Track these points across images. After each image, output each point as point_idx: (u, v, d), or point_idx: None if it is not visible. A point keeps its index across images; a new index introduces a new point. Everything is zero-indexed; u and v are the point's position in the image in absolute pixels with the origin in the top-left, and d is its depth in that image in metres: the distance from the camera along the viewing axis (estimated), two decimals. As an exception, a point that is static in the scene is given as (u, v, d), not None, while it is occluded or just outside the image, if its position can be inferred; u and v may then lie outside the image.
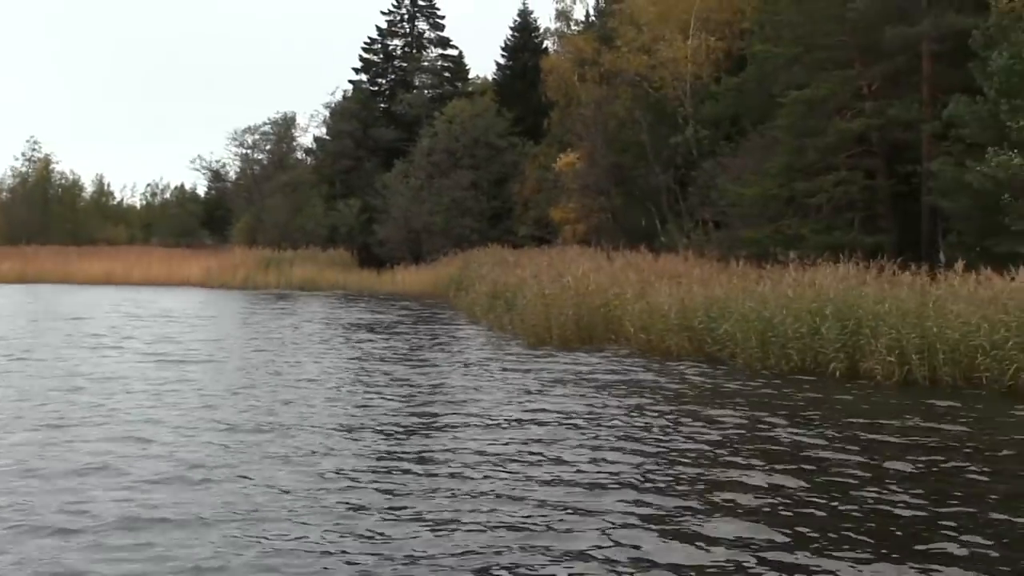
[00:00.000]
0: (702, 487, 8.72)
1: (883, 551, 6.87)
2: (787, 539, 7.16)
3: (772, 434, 10.97)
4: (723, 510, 7.96)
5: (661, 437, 10.91)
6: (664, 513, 7.90)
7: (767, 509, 7.95)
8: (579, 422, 11.75)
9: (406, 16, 67.60)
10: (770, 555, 6.83)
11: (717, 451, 10.18)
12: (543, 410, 12.60)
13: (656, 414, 12.30)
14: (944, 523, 7.50)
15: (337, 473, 9.25)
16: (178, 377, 15.85)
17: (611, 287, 21.14)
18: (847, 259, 19.10)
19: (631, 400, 13.46)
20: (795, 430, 11.13)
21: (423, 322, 28.72)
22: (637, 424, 11.70)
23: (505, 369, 16.91)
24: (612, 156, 42.30)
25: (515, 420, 11.97)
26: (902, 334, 14.50)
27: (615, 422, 11.83)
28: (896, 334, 14.54)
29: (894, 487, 8.54)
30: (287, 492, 8.53)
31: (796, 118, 28.63)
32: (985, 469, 9.29)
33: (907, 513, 7.78)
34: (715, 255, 28.88)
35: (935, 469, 9.31)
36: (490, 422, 11.92)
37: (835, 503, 8.08)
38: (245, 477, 9.09)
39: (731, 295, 17.83)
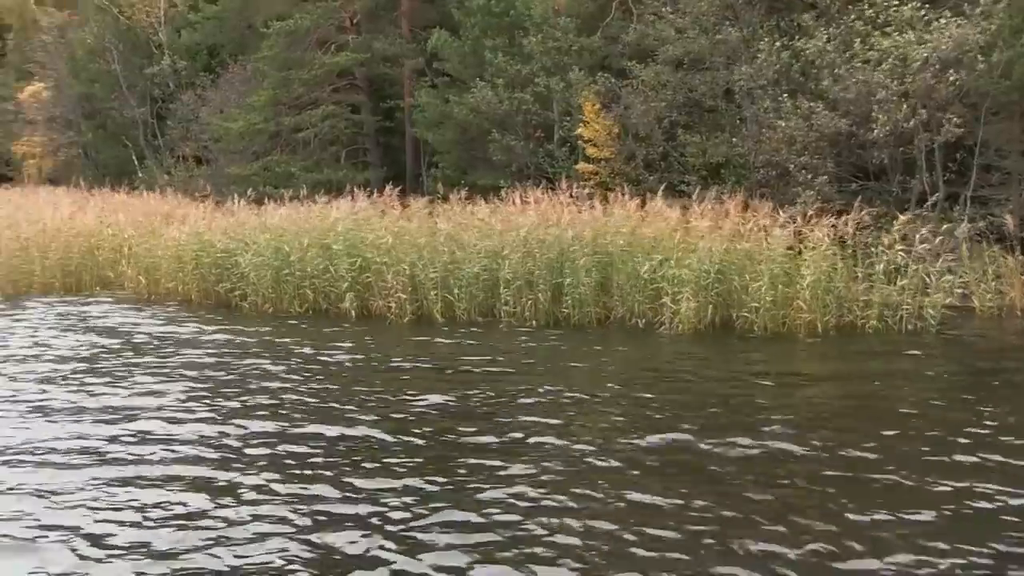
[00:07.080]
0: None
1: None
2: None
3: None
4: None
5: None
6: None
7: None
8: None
9: None
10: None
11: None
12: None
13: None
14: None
15: None
16: None
17: (102, 228, 19.08)
18: (338, 195, 18.42)
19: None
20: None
21: None
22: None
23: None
24: (80, 87, 38.68)
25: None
26: (417, 269, 14.07)
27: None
28: (409, 269, 14.06)
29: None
30: None
31: (280, 50, 27.77)
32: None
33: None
34: (203, 194, 27.26)
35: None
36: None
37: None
38: None
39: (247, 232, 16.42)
